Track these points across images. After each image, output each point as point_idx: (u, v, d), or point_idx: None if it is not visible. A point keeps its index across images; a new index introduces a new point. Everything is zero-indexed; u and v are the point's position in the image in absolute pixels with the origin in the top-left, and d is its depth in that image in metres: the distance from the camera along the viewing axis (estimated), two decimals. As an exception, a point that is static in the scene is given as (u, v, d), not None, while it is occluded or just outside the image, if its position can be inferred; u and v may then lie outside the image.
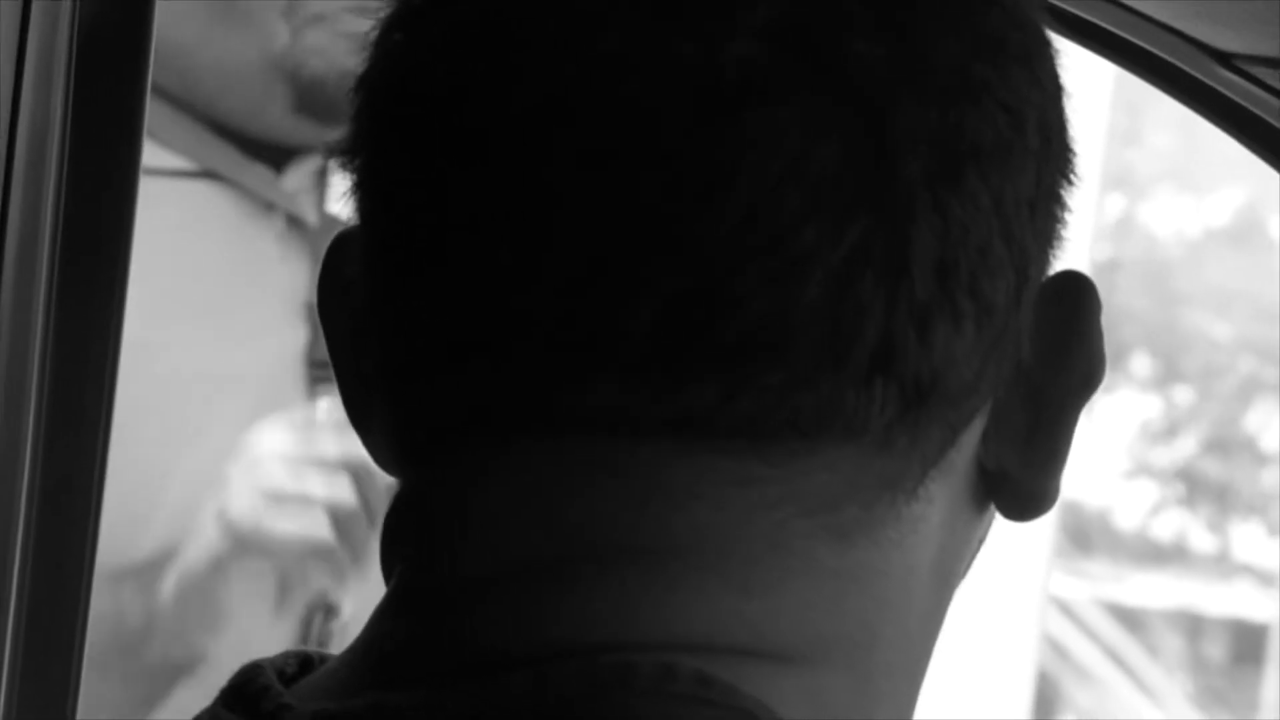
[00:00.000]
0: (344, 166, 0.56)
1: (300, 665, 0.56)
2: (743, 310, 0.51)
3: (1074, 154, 0.57)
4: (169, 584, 1.52)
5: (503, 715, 0.51)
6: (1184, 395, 4.48)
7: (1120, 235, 4.46)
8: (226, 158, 1.58)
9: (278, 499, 1.53)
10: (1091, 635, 4.05)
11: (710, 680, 0.51)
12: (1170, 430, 4.44)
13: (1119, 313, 4.38)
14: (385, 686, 0.52)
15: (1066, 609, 4.06)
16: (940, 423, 0.54)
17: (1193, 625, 4.21)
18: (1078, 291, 0.56)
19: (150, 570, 1.53)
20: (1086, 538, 4.33)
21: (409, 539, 0.55)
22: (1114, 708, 4.05)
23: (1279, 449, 4.03)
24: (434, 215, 0.53)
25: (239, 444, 1.55)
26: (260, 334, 1.56)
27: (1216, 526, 4.39)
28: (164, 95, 1.57)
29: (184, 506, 1.54)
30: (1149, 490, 4.44)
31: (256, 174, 1.58)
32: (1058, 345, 0.56)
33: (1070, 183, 0.57)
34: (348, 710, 0.52)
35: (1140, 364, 4.52)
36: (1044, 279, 0.56)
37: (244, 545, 1.54)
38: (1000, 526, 0.58)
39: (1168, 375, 4.47)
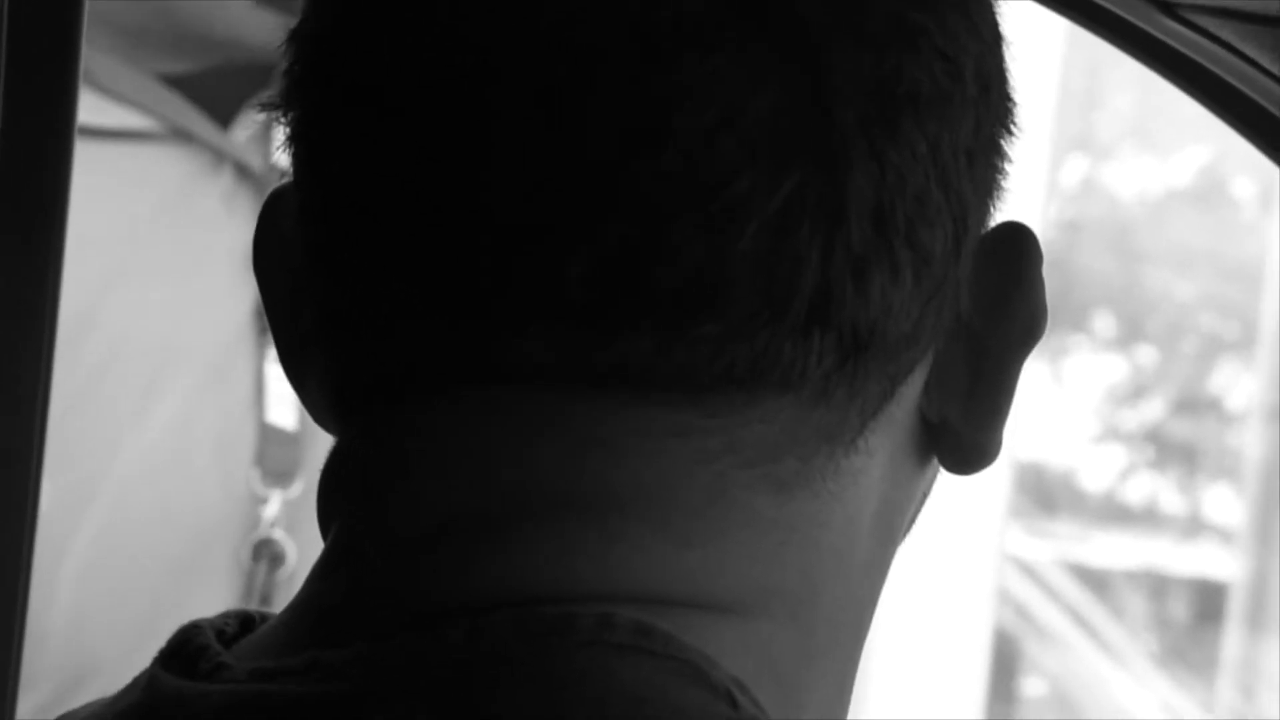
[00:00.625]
0: (278, 121, 0.56)
1: (241, 625, 0.56)
2: (678, 260, 0.51)
3: (1014, 104, 0.57)
4: (113, 569, 1.50)
5: (439, 667, 0.50)
6: (1148, 355, 4.48)
7: (1082, 197, 4.46)
8: (175, 108, 1.56)
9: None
10: (1055, 597, 4.05)
11: (649, 630, 0.51)
12: (1136, 392, 4.45)
13: (1082, 274, 4.38)
14: (323, 643, 0.52)
15: (1030, 571, 4.07)
16: (879, 374, 0.53)
17: (1158, 586, 4.22)
18: (1018, 243, 0.56)
19: (93, 554, 1.51)
20: (1051, 499, 4.34)
21: (346, 494, 0.55)
22: (1079, 670, 4.06)
23: (1244, 408, 4.04)
24: (367, 168, 0.53)
25: (188, 414, 1.53)
26: (210, 297, 1.54)
27: (1184, 487, 4.41)
28: (112, 48, 1.55)
29: (132, 482, 1.52)
30: (1116, 452, 4.44)
31: (205, 126, 1.56)
32: (998, 297, 0.55)
33: (1010, 133, 0.57)
34: (285, 667, 0.52)
35: (1104, 324, 4.52)
36: (985, 230, 0.56)
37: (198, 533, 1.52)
38: (954, 487, 0.58)
39: (1131, 335, 4.48)
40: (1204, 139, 4.07)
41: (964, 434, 0.56)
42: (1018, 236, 0.56)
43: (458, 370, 0.52)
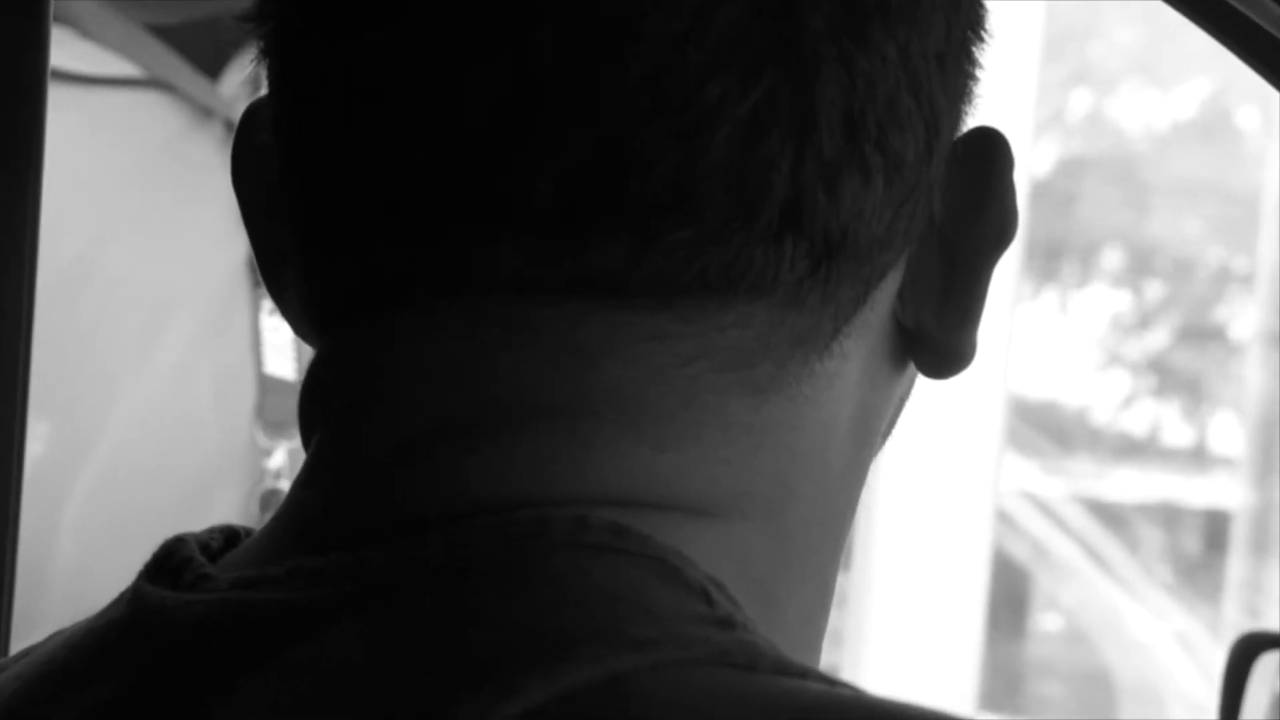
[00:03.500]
0: (253, 34, 0.56)
1: (226, 540, 0.56)
2: (649, 167, 0.51)
3: (984, 9, 0.56)
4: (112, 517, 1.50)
5: (417, 573, 0.51)
6: (1155, 289, 4.47)
7: (1088, 131, 4.45)
8: (163, 61, 1.56)
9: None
10: (1070, 532, 4.06)
11: (624, 531, 0.51)
12: (1142, 323, 4.44)
13: (1088, 208, 4.37)
14: (305, 552, 0.52)
15: (1044, 507, 4.07)
16: (852, 279, 0.53)
17: (1170, 517, 4.22)
18: (991, 147, 0.56)
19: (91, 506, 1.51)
20: (1066, 436, 4.34)
21: (326, 406, 0.55)
22: (1095, 603, 4.07)
23: (1249, 339, 4.04)
24: (339, 81, 0.53)
25: (185, 361, 1.53)
26: (204, 246, 1.54)
27: (1190, 417, 4.40)
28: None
29: (131, 432, 1.52)
30: (1122, 382, 4.44)
31: (194, 79, 1.55)
32: (971, 201, 0.55)
33: (981, 39, 0.56)
34: (267, 576, 0.52)
35: (1111, 259, 4.51)
36: (958, 135, 0.56)
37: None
38: (951, 421, 0.58)
39: (1139, 269, 4.47)
40: (1207, 70, 4.05)
41: (938, 337, 0.56)
42: (990, 141, 0.56)
43: (433, 281, 0.53)
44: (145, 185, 1.55)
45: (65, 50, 1.56)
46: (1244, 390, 4.00)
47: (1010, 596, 4.00)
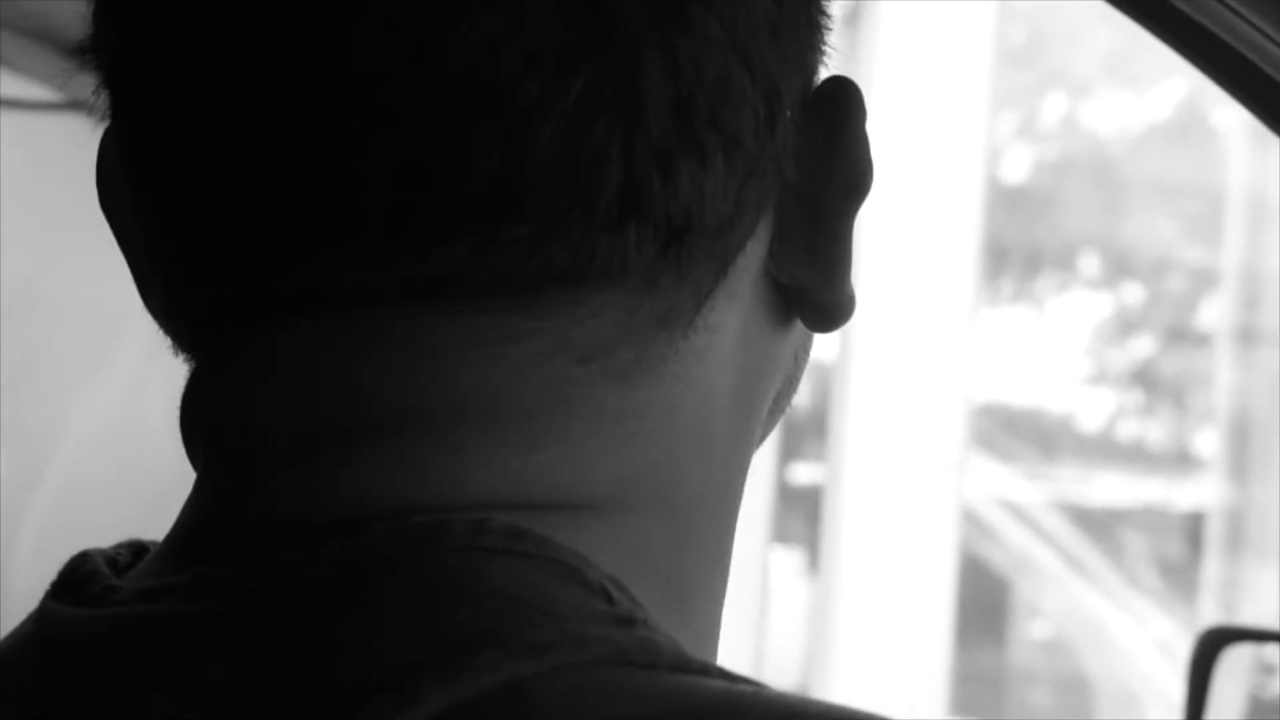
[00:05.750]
0: (87, 67, 0.56)
1: (134, 554, 0.56)
2: (474, 169, 0.51)
3: None
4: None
5: (316, 578, 0.50)
6: (1134, 292, 4.48)
7: (1063, 135, 4.45)
8: (84, 85, 1.55)
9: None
10: (1050, 539, 4.06)
11: (523, 534, 0.50)
12: (1124, 329, 4.44)
13: (1064, 212, 4.37)
14: (200, 563, 0.52)
15: (1024, 515, 4.07)
16: (706, 256, 0.53)
17: (1153, 522, 4.23)
18: (837, 99, 0.55)
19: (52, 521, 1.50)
20: (1049, 442, 4.34)
21: (200, 424, 0.55)
22: (1075, 610, 4.07)
23: (1225, 338, 4.03)
24: (171, 110, 0.53)
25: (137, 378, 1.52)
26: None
27: (1174, 421, 4.40)
28: (23, 28, 1.54)
29: (86, 449, 1.51)
30: (1104, 387, 4.44)
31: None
32: (822, 155, 0.55)
33: None
34: (168, 585, 0.52)
35: (1089, 263, 4.51)
36: (807, 94, 0.55)
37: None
38: (914, 428, 0.57)
39: (1117, 272, 4.47)
40: (1181, 71, 4.05)
41: (815, 293, 0.56)
42: (836, 93, 0.55)
43: (283, 299, 0.52)
44: (90, 204, 1.54)
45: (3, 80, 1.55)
46: (1216, 388, 4.01)
47: (988, 604, 4.00)
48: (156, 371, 1.52)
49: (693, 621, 0.54)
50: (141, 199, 0.55)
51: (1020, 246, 4.43)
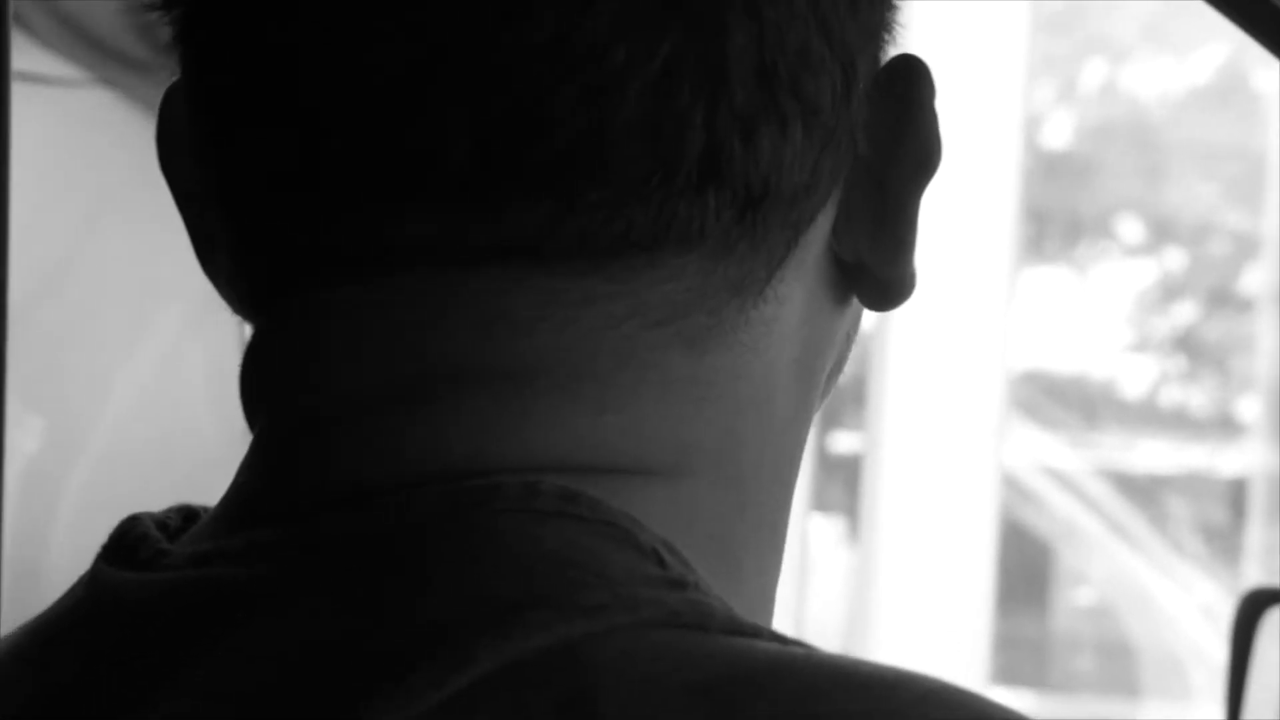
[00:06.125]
0: (162, 21, 0.55)
1: (184, 519, 0.56)
2: (558, 130, 0.51)
3: None
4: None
5: (367, 543, 0.50)
6: (1176, 258, 4.45)
7: (1104, 100, 4.43)
8: (108, 66, 1.56)
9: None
10: (1095, 506, 4.05)
11: (575, 496, 0.51)
12: (1166, 295, 4.42)
13: (1105, 178, 4.35)
14: (254, 526, 0.52)
15: (1068, 481, 4.06)
16: (780, 224, 0.54)
17: (1197, 488, 4.21)
18: (908, 76, 0.56)
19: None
20: (1093, 409, 4.33)
21: (263, 382, 0.55)
22: (1120, 576, 4.06)
23: (1268, 303, 4.01)
24: (248, 62, 0.53)
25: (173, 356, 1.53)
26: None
27: (1217, 387, 4.38)
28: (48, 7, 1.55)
29: (124, 422, 1.52)
30: (1147, 353, 4.42)
31: (143, 80, 1.55)
32: (892, 132, 0.55)
33: None
34: (222, 550, 0.52)
35: (1130, 229, 4.49)
36: (877, 69, 0.55)
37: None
38: (953, 398, 0.57)
39: (1159, 238, 4.45)
40: (1221, 35, 4.03)
41: (877, 270, 0.56)
42: (908, 70, 0.56)
43: (357, 256, 0.53)
44: (128, 179, 1.55)
45: (32, 54, 1.56)
46: (1258, 353, 3.99)
47: (1031, 571, 3.99)
48: (195, 345, 1.53)
49: (745, 589, 0.54)
50: (209, 156, 0.54)
51: (1062, 213, 4.41)
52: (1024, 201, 3.52)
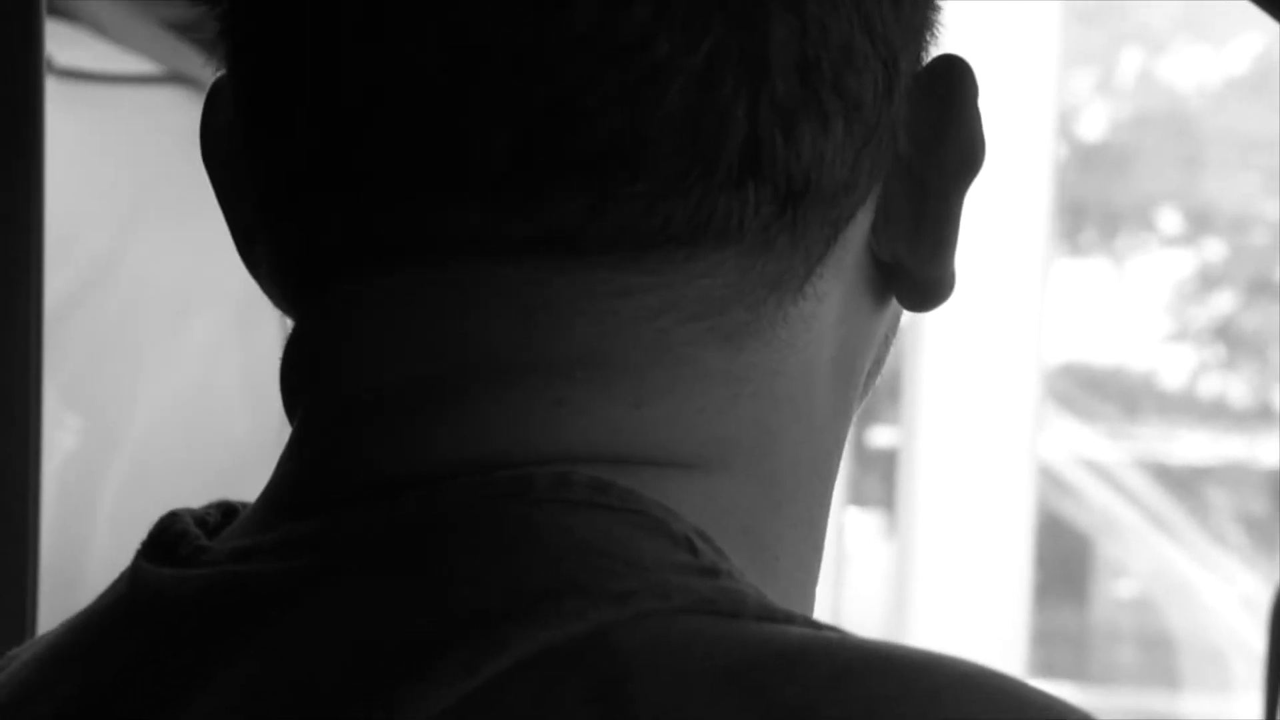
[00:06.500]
0: (210, 15, 0.56)
1: (223, 515, 0.57)
2: (599, 122, 0.51)
3: None
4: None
5: (397, 534, 0.51)
6: (1215, 248, 4.43)
7: (1140, 91, 4.41)
8: (187, 58, 1.56)
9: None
10: (1134, 498, 4.03)
11: (607, 486, 0.51)
12: (1205, 286, 4.40)
13: (1143, 169, 4.33)
14: (294, 519, 0.53)
15: (1107, 473, 4.05)
16: (819, 221, 0.53)
17: (1238, 479, 4.19)
18: (951, 76, 0.56)
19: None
20: (1133, 401, 4.31)
21: (301, 374, 0.56)
22: (1160, 568, 4.04)
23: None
24: (293, 56, 0.53)
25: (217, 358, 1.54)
26: (229, 238, 1.55)
27: (1256, 377, 4.36)
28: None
29: (161, 426, 1.53)
30: (1187, 344, 4.41)
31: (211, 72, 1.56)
32: (934, 132, 0.55)
33: None
34: (259, 544, 0.52)
35: (1168, 220, 4.47)
36: (919, 68, 0.55)
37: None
38: (990, 390, 0.57)
39: (1197, 228, 4.43)
40: (1258, 24, 4.01)
41: (915, 270, 0.56)
42: (950, 70, 0.56)
43: (396, 245, 0.53)
44: (170, 180, 1.56)
45: (83, 50, 1.57)
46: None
47: (1070, 564, 3.98)
48: (234, 347, 1.54)
49: (780, 583, 0.54)
50: (252, 150, 0.55)
51: (1099, 204, 4.39)
52: (1059, 193, 3.51)
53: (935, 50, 0.56)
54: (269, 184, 0.55)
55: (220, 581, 0.52)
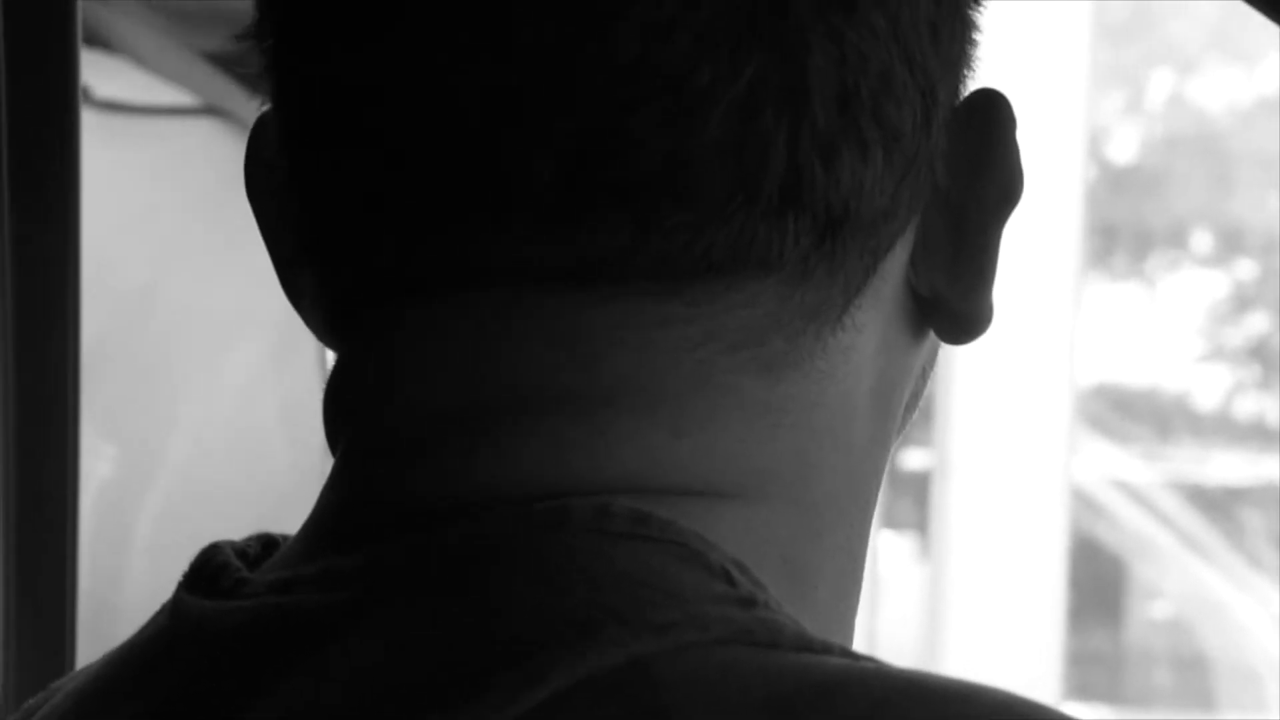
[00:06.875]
0: (255, 50, 0.57)
1: (263, 547, 0.57)
2: (642, 151, 0.51)
3: None
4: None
5: (437, 566, 0.51)
6: (1247, 268, 4.42)
7: (1171, 112, 4.40)
8: (223, 89, 1.57)
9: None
10: (1167, 519, 4.02)
11: (646, 517, 0.51)
12: (1238, 306, 4.39)
13: (1174, 190, 4.32)
14: (335, 551, 0.53)
15: (1139, 495, 4.04)
16: (859, 251, 0.54)
17: (1273, 500, 4.17)
18: (990, 109, 0.56)
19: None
20: (1166, 422, 4.30)
21: (343, 407, 0.56)
22: (1194, 590, 4.03)
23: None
24: (337, 91, 0.54)
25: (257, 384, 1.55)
26: (270, 269, 1.55)
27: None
28: (156, 26, 1.56)
29: (199, 455, 1.53)
30: (1223, 370, 4.39)
31: (255, 106, 1.57)
32: (973, 164, 0.55)
33: (976, 2, 0.56)
34: (300, 576, 0.53)
35: (1201, 241, 4.46)
36: (958, 100, 0.56)
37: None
38: (1020, 413, 0.58)
39: (1230, 249, 4.42)
40: (1288, 44, 4.00)
41: (954, 302, 0.56)
42: (989, 104, 0.56)
43: (437, 276, 0.53)
44: (208, 211, 1.57)
45: (122, 81, 1.58)
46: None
47: (1104, 586, 3.97)
48: (271, 378, 1.54)
49: (818, 613, 0.54)
50: (296, 179, 0.55)
51: (1131, 225, 4.39)
52: (1090, 214, 3.51)
53: (973, 82, 0.56)
54: (313, 216, 0.55)
55: (262, 613, 0.53)
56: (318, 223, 0.55)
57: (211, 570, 0.55)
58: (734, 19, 0.51)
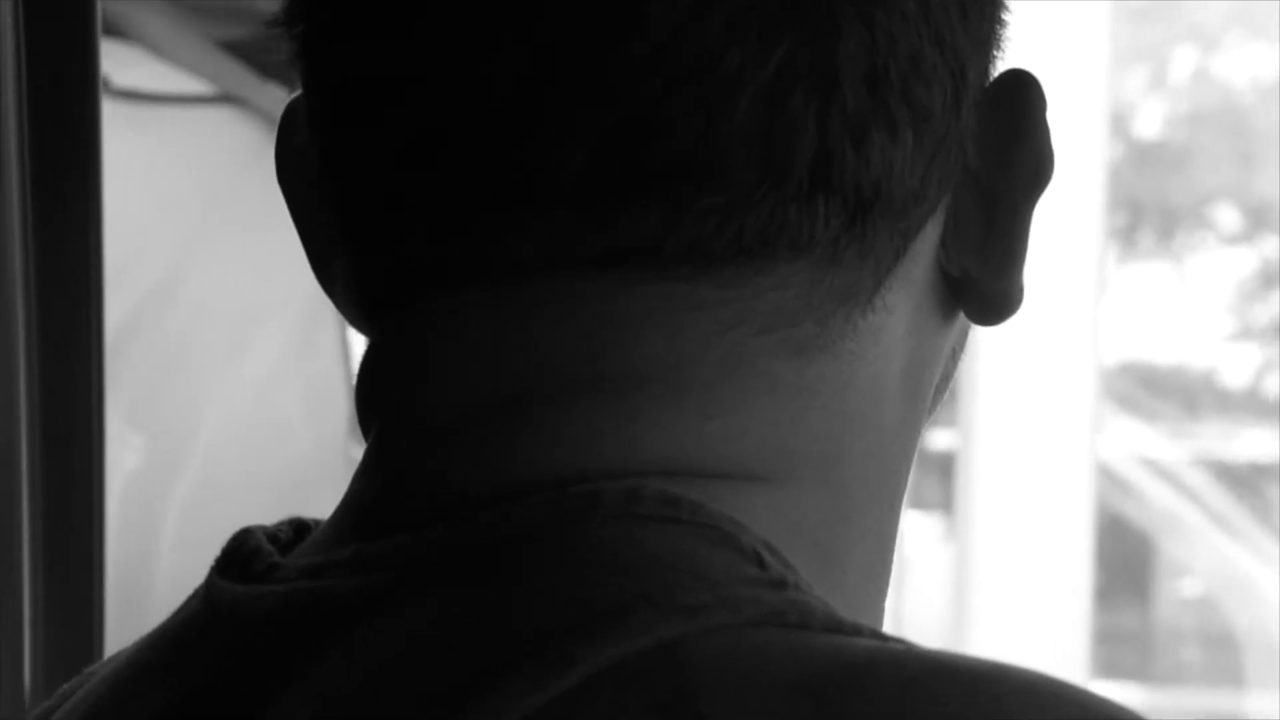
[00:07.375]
0: (284, 37, 0.57)
1: (295, 531, 0.58)
2: (673, 135, 0.51)
3: None
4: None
5: (471, 552, 0.51)
6: (1275, 246, 4.41)
7: (1195, 88, 4.39)
8: (239, 78, 1.57)
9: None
10: (1195, 497, 4.01)
11: (676, 500, 0.51)
12: (1266, 283, 4.37)
13: (1199, 166, 4.31)
14: (367, 536, 0.53)
15: (1168, 473, 4.03)
16: (889, 232, 0.54)
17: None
18: (1020, 90, 0.56)
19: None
20: (1193, 400, 4.29)
21: (376, 393, 0.56)
22: (1222, 567, 4.02)
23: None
24: (368, 79, 0.54)
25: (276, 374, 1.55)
26: (290, 257, 1.56)
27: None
28: (173, 15, 1.57)
29: (224, 444, 1.54)
30: (1251, 347, 4.38)
31: (271, 94, 1.57)
32: (1003, 144, 0.55)
33: None
34: (332, 561, 0.53)
35: (1227, 217, 4.45)
36: (988, 81, 0.56)
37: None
38: (1046, 390, 0.57)
39: (1256, 225, 4.40)
40: (1313, 19, 3.98)
41: (984, 283, 0.56)
42: (1019, 84, 0.56)
43: (470, 263, 0.53)
44: (228, 198, 1.57)
45: (140, 70, 1.58)
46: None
47: (1132, 564, 3.96)
48: (296, 366, 1.55)
49: (847, 595, 0.54)
50: (328, 166, 0.55)
51: (1156, 202, 4.37)
52: (1114, 191, 3.50)
53: (1002, 63, 0.56)
54: (345, 204, 0.55)
55: (294, 598, 0.53)
56: (350, 211, 0.55)
57: (244, 555, 0.55)
58: (763, 2, 0.51)
